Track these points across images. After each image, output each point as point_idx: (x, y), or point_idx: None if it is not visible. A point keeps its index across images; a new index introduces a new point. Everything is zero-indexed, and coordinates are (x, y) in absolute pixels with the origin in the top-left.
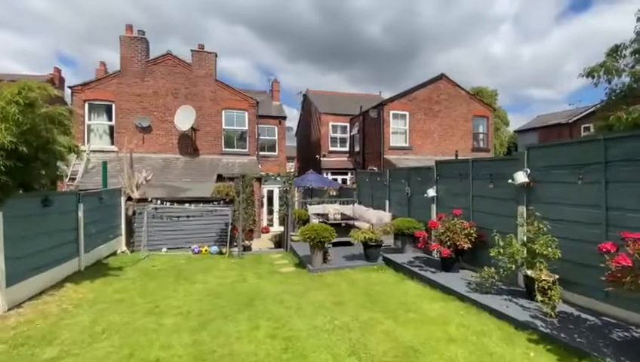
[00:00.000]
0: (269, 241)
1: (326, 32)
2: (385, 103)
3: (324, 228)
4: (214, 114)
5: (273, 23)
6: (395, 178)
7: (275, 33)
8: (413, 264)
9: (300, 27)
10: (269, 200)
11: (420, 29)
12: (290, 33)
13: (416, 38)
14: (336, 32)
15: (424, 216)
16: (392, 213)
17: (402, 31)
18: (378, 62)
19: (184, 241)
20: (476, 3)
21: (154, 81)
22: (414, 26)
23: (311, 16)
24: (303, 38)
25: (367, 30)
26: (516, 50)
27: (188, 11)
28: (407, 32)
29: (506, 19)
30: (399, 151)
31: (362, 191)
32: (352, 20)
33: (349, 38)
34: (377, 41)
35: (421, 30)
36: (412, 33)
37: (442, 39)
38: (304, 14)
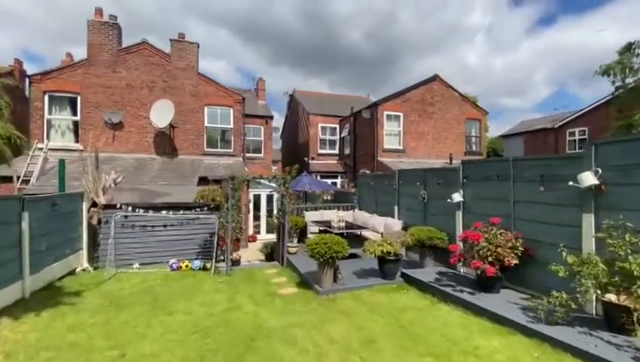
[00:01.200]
0: (259, 252)
1: (308, 37)
2: (379, 103)
3: (336, 241)
4: (196, 110)
5: (255, 25)
6: (407, 181)
7: (256, 36)
8: (442, 282)
9: (281, 31)
10: (256, 206)
11: (399, 36)
12: (272, 37)
13: (396, 45)
14: (317, 37)
15: (444, 225)
16: (402, 221)
17: (382, 38)
18: (359, 68)
19: (161, 255)
20: (453, 13)
21: (127, 72)
22: (394, 34)
23: (293, 21)
24: (285, 42)
25: (348, 36)
26: (489, 60)
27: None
28: (387, 39)
29: (480, 30)
30: (393, 153)
31: (364, 196)
32: (333, 26)
33: (330, 43)
34: (358, 47)
35: (401, 37)
36: (392, 40)
37: (421, 47)
38: (286, 18)
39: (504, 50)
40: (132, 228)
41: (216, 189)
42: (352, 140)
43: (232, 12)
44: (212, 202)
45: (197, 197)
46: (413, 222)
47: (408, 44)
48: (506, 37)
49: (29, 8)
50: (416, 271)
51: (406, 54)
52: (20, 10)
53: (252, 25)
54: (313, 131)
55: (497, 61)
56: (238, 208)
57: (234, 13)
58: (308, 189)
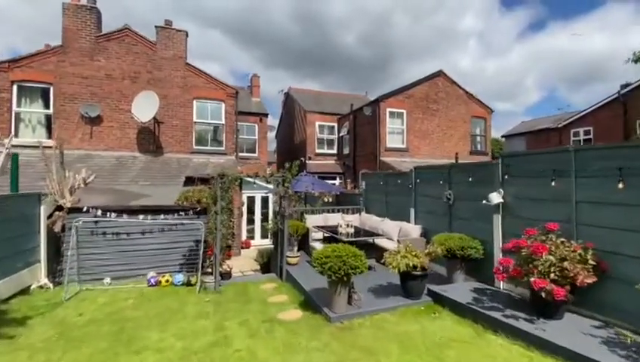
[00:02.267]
0: (253, 261)
1: (303, 40)
2: (381, 100)
3: (352, 253)
4: (184, 104)
5: (249, 28)
6: (427, 179)
7: (251, 39)
8: (483, 304)
9: (276, 34)
10: (249, 209)
11: (393, 39)
12: (267, 39)
13: (390, 49)
14: (312, 40)
15: (476, 231)
16: (421, 226)
17: (376, 41)
18: (353, 71)
19: (137, 267)
20: (445, 19)
21: (107, 60)
22: (388, 37)
23: (288, 24)
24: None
25: (343, 39)
26: (481, 64)
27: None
28: (382, 42)
29: (473, 35)
30: (395, 152)
31: (371, 197)
32: (328, 29)
33: (325, 46)
34: (352, 50)
35: (395, 41)
36: (386, 44)
37: (415, 50)
38: (281, 21)
39: (496, 55)
40: (103, 236)
41: (202, 190)
42: (351, 139)
43: (226, 14)
44: (198, 205)
45: (180, 199)
46: (434, 228)
47: (402, 48)
48: (498, 41)
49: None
50: (446, 289)
51: (400, 58)
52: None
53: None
54: (310, 130)
55: (489, 65)
56: (229, 211)
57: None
58: (311, 190)
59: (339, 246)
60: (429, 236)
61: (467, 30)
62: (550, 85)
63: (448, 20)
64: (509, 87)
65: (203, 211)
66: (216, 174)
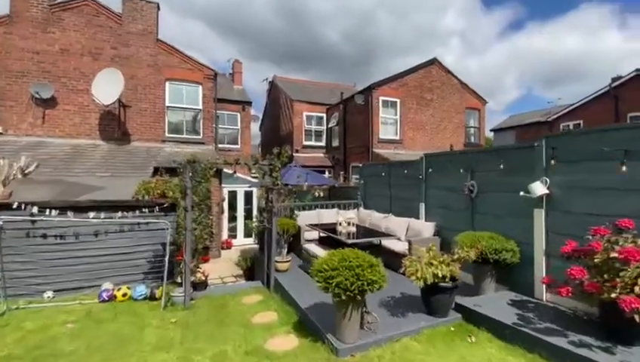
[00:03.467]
0: (234, 265)
1: (287, 34)
2: (374, 87)
3: (366, 263)
4: (154, 86)
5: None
6: (442, 168)
7: (233, 31)
8: (534, 324)
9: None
10: (231, 205)
11: (377, 36)
12: (250, 33)
13: (373, 45)
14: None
15: (506, 230)
16: (434, 223)
17: (360, 37)
18: (338, 67)
19: (89, 277)
20: (427, 17)
21: (62, 33)
22: (371, 34)
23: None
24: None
25: (327, 34)
26: (463, 63)
27: None
28: (365, 38)
29: (455, 33)
30: (389, 144)
31: (370, 191)
32: (312, 24)
33: (309, 41)
34: (336, 46)
35: (378, 38)
36: (369, 40)
37: (398, 48)
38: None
39: (477, 53)
40: (43, 239)
41: (167, 181)
42: (341, 131)
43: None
44: (164, 200)
45: (138, 192)
46: (450, 225)
47: (385, 45)
48: (479, 40)
49: None
50: (479, 302)
51: (383, 54)
52: None
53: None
54: (297, 121)
55: (471, 63)
56: (207, 208)
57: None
58: (304, 182)
59: (346, 252)
60: (444, 235)
61: (449, 28)
62: (528, 84)
63: (431, 18)
64: (489, 85)
65: (171, 208)
66: (185, 161)
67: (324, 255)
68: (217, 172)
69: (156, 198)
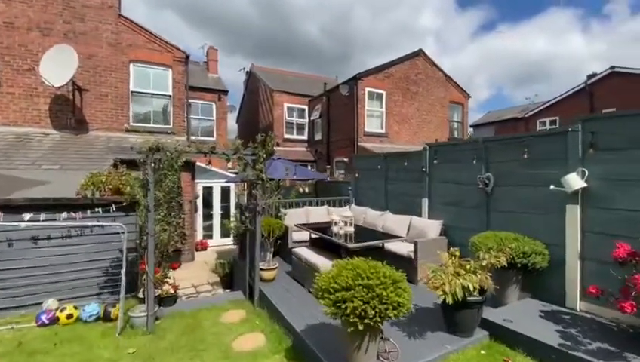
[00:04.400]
0: (211, 272)
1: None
2: (360, 77)
3: (389, 279)
4: (117, 68)
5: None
6: (450, 159)
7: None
8: (582, 343)
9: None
10: (206, 202)
11: (355, 33)
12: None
13: (351, 42)
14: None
15: (529, 228)
16: (441, 222)
17: (338, 34)
18: (316, 63)
19: (28, 293)
20: (404, 15)
21: (6, 5)
22: (350, 30)
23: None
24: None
25: (306, 29)
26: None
27: None
28: (343, 35)
29: (429, 34)
30: (374, 138)
31: (364, 185)
32: (290, 18)
33: (287, 35)
34: (315, 42)
35: (356, 34)
36: (348, 37)
37: (376, 45)
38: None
39: (452, 53)
40: None
41: (124, 174)
42: (324, 123)
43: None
44: (117, 196)
45: (85, 186)
46: (460, 224)
47: (363, 42)
48: (454, 40)
49: None
50: (506, 314)
51: (361, 51)
52: None
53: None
54: (278, 113)
55: (446, 62)
56: (178, 206)
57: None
58: (292, 177)
59: (360, 264)
60: (451, 235)
61: (425, 27)
62: (498, 84)
63: (408, 17)
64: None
65: (132, 207)
66: (146, 148)
67: (323, 264)
68: (189, 165)
69: (109, 195)
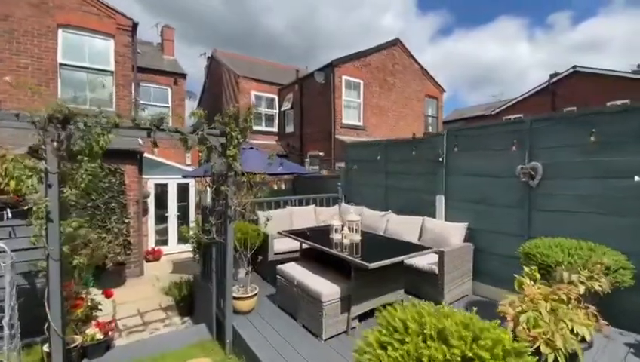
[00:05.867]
0: (162, 292)
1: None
2: (336, 64)
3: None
4: (40, 33)
5: None
6: (475, 144)
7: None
8: None
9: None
10: (160, 202)
11: (321, 30)
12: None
13: (317, 39)
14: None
15: (595, 234)
16: (465, 225)
17: (305, 30)
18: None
19: None
20: (369, 15)
21: None
22: (316, 27)
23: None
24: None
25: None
26: None
27: None
28: (310, 31)
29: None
30: (352, 130)
31: (354, 180)
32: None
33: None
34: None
35: (322, 32)
36: (314, 33)
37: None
38: None
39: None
40: None
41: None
42: (297, 114)
43: None
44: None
45: None
46: (490, 227)
47: (329, 39)
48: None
49: None
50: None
51: (327, 48)
52: None
53: None
54: (244, 101)
55: None
56: (121, 207)
57: None
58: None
59: (422, 311)
60: (477, 241)
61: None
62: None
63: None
64: None
65: (23, 213)
66: (42, 116)
67: (330, 292)
68: (134, 156)
69: None
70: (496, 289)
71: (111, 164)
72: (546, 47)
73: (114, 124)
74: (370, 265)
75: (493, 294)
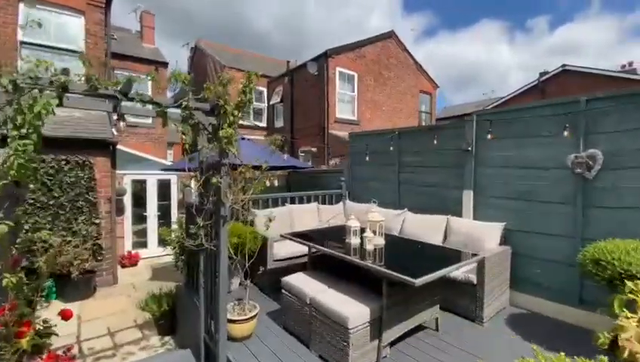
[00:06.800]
0: (140, 309)
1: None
2: (330, 55)
3: None
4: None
5: None
6: (515, 130)
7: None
8: None
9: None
10: (137, 200)
11: (308, 28)
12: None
13: (304, 37)
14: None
15: None
16: (501, 226)
17: (292, 27)
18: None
19: None
20: (356, 14)
21: None
22: (303, 25)
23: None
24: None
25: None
26: None
27: None
28: (296, 29)
29: None
30: (346, 125)
31: (359, 175)
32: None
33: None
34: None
35: (309, 29)
36: (301, 31)
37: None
38: None
39: None
40: None
41: None
42: (287, 108)
43: None
44: None
45: None
46: (532, 227)
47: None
48: None
49: None
50: None
51: (314, 46)
52: None
53: None
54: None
55: None
56: (90, 206)
57: None
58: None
59: None
60: (515, 244)
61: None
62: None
63: (359, 16)
64: None
65: None
66: None
67: (357, 313)
68: (106, 147)
69: None
70: (537, 299)
71: (77, 155)
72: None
73: (60, 85)
74: (416, 281)
75: (534, 305)
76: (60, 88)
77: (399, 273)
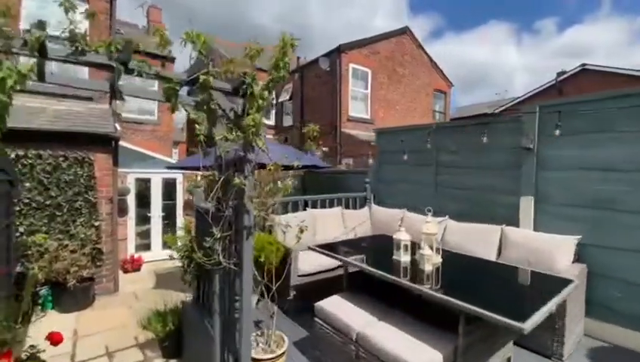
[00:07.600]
0: (141, 327)
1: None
2: (343, 50)
3: None
4: None
5: None
6: (592, 124)
7: None
8: None
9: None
10: (141, 200)
11: (309, 27)
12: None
13: (305, 36)
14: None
15: None
16: (575, 239)
17: (292, 25)
18: None
19: None
20: (359, 15)
21: None
22: (304, 23)
23: None
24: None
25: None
26: None
27: None
28: (297, 26)
29: None
30: (359, 124)
31: (386, 177)
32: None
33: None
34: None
35: (310, 29)
36: (301, 29)
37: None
38: None
39: None
40: None
41: None
42: (297, 105)
43: None
44: None
45: None
46: (614, 242)
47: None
48: None
49: None
50: None
51: (315, 47)
52: None
53: None
54: None
55: None
56: (89, 206)
57: None
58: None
59: None
60: (590, 262)
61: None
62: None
63: (362, 17)
64: None
65: None
66: None
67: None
68: (107, 142)
69: None
70: (617, 328)
71: (76, 151)
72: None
73: (35, 42)
74: (525, 326)
75: (614, 336)
76: (33, 50)
77: (484, 308)
